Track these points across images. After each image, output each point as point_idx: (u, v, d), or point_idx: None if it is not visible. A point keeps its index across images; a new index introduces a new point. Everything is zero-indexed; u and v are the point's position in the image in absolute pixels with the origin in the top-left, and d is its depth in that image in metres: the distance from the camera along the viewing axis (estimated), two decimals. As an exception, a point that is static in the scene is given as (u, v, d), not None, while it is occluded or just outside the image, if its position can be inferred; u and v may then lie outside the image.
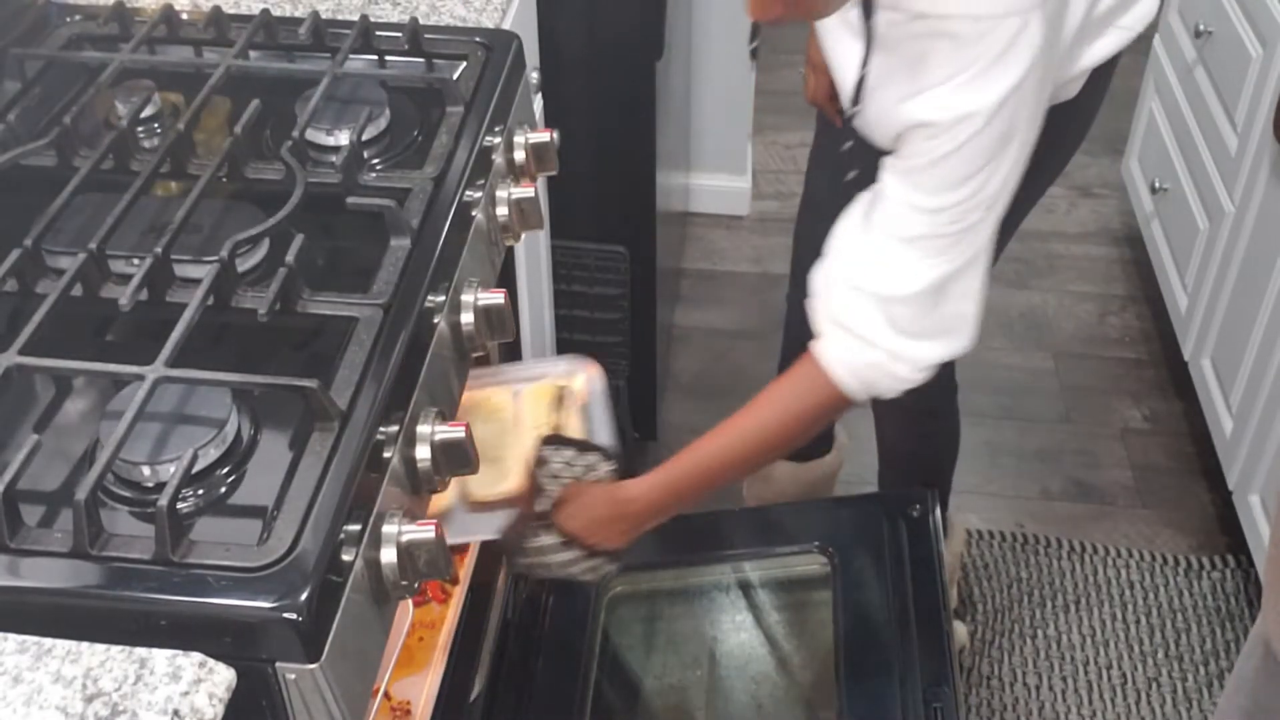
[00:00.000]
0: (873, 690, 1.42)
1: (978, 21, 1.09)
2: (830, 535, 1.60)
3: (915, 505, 1.59)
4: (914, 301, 1.20)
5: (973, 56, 1.10)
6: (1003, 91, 1.11)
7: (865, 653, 1.46)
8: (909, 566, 1.53)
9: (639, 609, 1.66)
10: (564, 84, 1.82)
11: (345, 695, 0.85)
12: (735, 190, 2.86)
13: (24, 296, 1.01)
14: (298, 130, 1.16)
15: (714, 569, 1.66)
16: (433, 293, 1.07)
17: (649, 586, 1.66)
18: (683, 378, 2.47)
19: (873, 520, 1.60)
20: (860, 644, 1.47)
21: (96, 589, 0.82)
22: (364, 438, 0.91)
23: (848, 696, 1.42)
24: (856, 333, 1.22)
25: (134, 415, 0.87)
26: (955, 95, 1.11)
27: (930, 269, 1.19)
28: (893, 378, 1.24)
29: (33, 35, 1.35)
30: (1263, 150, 1.95)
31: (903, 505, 1.60)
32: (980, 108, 1.11)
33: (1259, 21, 2.00)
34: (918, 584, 1.50)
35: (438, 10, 1.44)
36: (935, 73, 1.12)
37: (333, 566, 0.84)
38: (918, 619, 1.46)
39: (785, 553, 1.64)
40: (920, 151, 1.15)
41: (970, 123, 1.12)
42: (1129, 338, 2.57)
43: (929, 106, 1.13)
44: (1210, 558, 2.12)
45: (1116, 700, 1.91)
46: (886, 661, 1.44)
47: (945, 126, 1.12)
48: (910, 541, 1.56)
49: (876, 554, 1.55)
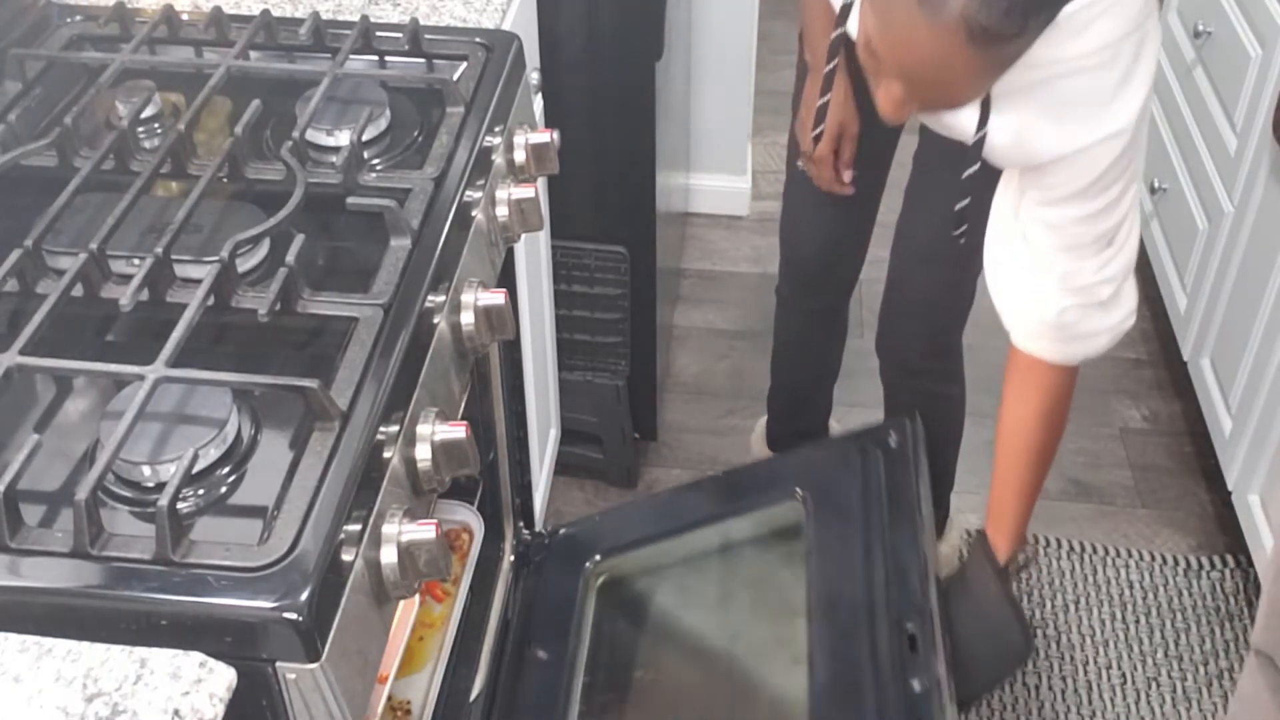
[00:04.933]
0: (842, 624, 1.38)
1: (1101, 51, 1.13)
2: (807, 480, 1.56)
3: (892, 435, 1.54)
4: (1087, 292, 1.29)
5: (1108, 82, 1.15)
6: (1140, 102, 1.16)
7: (836, 589, 1.42)
8: (885, 495, 1.48)
9: (626, 589, 1.65)
10: (564, 84, 1.82)
11: (345, 695, 0.85)
12: (735, 190, 2.86)
13: (25, 296, 1.01)
14: (298, 130, 1.16)
15: (696, 536, 1.63)
16: (433, 293, 1.07)
17: (635, 566, 1.65)
18: (683, 378, 2.47)
19: (850, 458, 1.56)
20: (831, 581, 1.44)
21: (97, 589, 0.82)
22: (364, 438, 0.91)
23: (817, 635, 1.38)
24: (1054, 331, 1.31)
25: (134, 415, 0.87)
26: (1097, 121, 1.16)
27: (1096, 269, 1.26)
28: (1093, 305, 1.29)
29: (33, 36, 1.35)
30: (1262, 150, 1.95)
31: (880, 437, 1.56)
32: (1125, 124, 1.16)
33: (1258, 22, 2.00)
34: (894, 511, 1.46)
35: (438, 11, 1.44)
36: (1078, 109, 1.16)
37: (333, 566, 0.84)
38: (894, 547, 1.42)
39: (764, 506, 1.60)
40: (1063, 181, 1.21)
41: (1119, 140, 1.17)
42: (1128, 338, 2.56)
43: (1074, 138, 1.17)
44: (1210, 558, 2.12)
45: (1116, 700, 1.92)
46: (855, 595, 1.39)
47: (1089, 147, 1.17)
48: (887, 471, 1.51)
49: (852, 490, 1.51)
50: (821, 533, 1.48)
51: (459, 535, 1.50)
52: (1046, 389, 1.36)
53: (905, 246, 1.71)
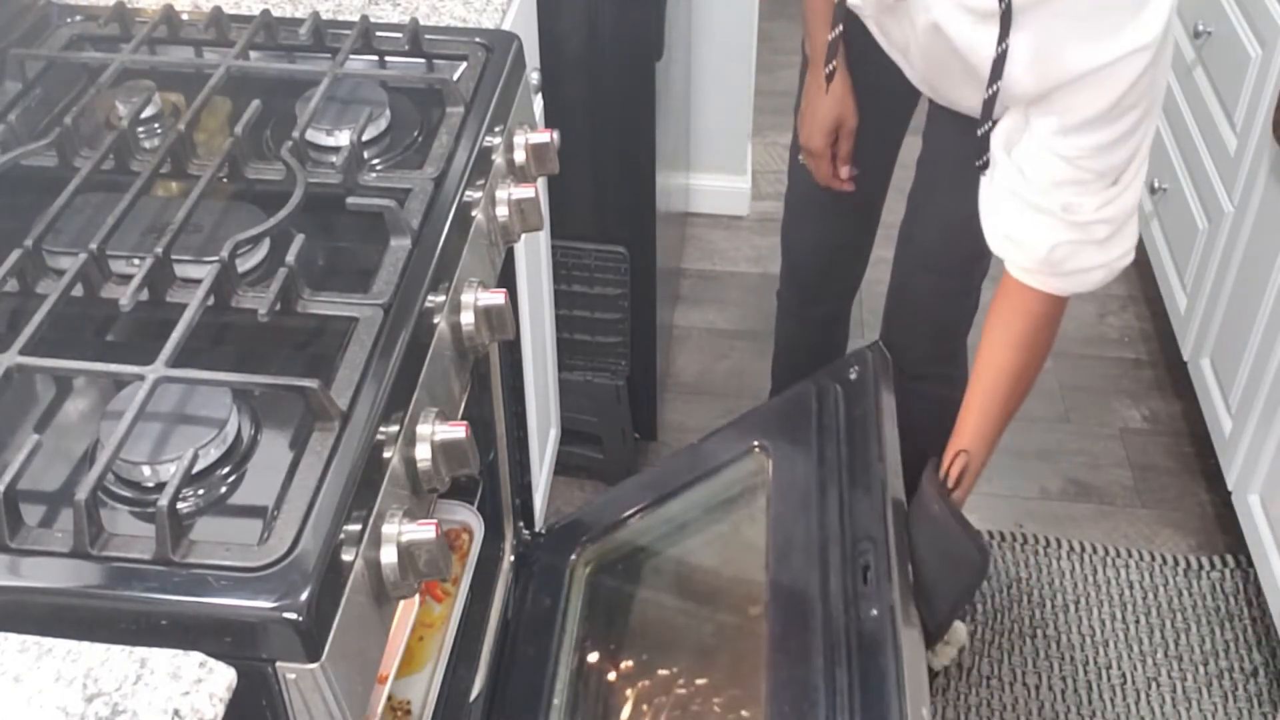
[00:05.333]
0: (796, 567, 1.35)
1: None
2: (768, 431, 1.55)
3: (853, 369, 1.52)
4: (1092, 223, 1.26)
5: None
6: (1167, 13, 1.14)
7: (791, 533, 1.40)
8: (843, 430, 1.46)
9: (608, 573, 1.64)
10: (564, 84, 1.82)
11: (345, 695, 0.85)
12: (735, 190, 2.86)
13: (25, 297, 1.01)
14: (298, 130, 1.16)
15: (671, 508, 1.62)
16: (433, 293, 1.07)
17: (616, 548, 1.64)
18: (683, 378, 2.47)
19: (807, 400, 1.54)
20: (787, 527, 1.41)
21: (97, 589, 0.82)
22: (364, 438, 0.91)
23: (774, 581, 1.37)
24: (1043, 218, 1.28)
25: (134, 415, 0.87)
26: (1125, 33, 1.14)
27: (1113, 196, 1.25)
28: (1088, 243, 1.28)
29: (33, 36, 1.35)
30: (1262, 150, 1.96)
31: (840, 372, 1.53)
32: (1152, 37, 1.14)
33: (1258, 22, 2.00)
34: (852, 445, 1.44)
35: (438, 11, 1.44)
36: (1104, 20, 1.15)
37: (333, 566, 0.84)
38: (850, 481, 1.40)
39: (729, 465, 1.59)
40: (1083, 104, 1.19)
41: (1144, 54, 1.15)
42: (1128, 338, 2.57)
43: (1100, 53, 1.15)
44: (1209, 558, 2.12)
45: (1116, 700, 1.92)
46: (810, 535, 1.37)
47: (1117, 65, 1.15)
48: (846, 405, 1.49)
49: (808, 432, 1.49)
50: (780, 479, 1.46)
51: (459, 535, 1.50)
52: (1032, 315, 1.36)
53: (908, 252, 1.71)
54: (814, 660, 1.24)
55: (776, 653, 1.29)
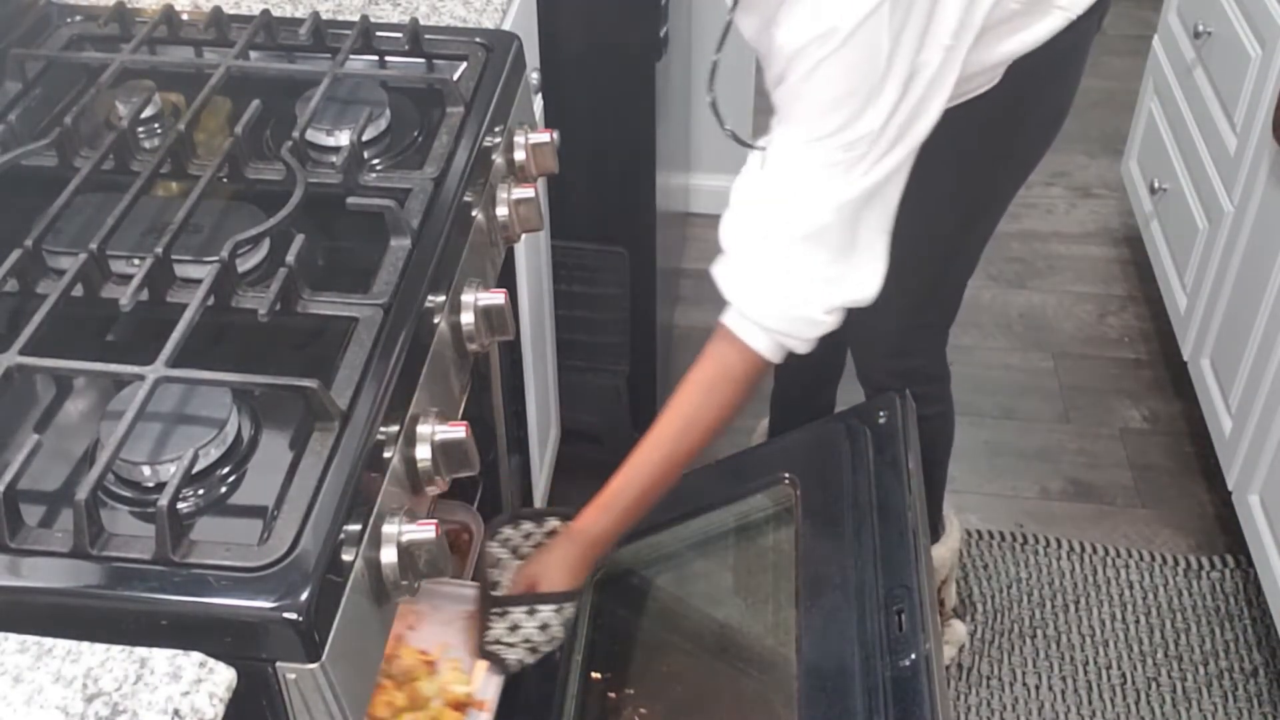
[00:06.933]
0: (829, 606, 1.35)
1: None
2: (796, 463, 1.54)
3: (881, 413, 1.51)
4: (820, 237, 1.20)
5: None
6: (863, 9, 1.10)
7: (825, 571, 1.39)
8: (873, 473, 1.45)
9: (621, 585, 1.64)
10: (564, 84, 1.82)
11: (345, 695, 0.85)
12: (735, 190, 2.86)
13: (25, 296, 1.01)
14: (298, 130, 1.16)
15: (689, 527, 1.61)
16: (433, 293, 1.07)
17: (630, 560, 1.64)
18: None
19: (838, 438, 1.53)
20: (819, 563, 1.41)
21: (97, 589, 0.82)
22: (364, 438, 0.91)
23: (805, 618, 1.36)
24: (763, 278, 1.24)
25: (134, 415, 0.88)
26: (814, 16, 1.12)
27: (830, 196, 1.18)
28: (804, 322, 1.24)
29: (33, 35, 1.35)
30: (1262, 150, 1.96)
31: (869, 415, 1.53)
32: (838, 24, 1.11)
33: (1258, 22, 2.00)
34: (882, 489, 1.43)
35: (438, 11, 1.44)
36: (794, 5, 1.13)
37: (333, 566, 0.84)
38: (880, 524, 1.39)
39: (754, 492, 1.58)
40: (787, 77, 1.17)
41: (829, 41, 1.11)
42: (1128, 338, 2.57)
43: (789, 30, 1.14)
44: (1209, 558, 2.12)
45: (1116, 700, 1.92)
46: (845, 575, 1.36)
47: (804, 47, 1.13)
48: (875, 449, 1.48)
49: (840, 471, 1.48)
50: (810, 515, 1.46)
51: (459, 535, 1.50)
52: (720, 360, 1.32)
53: None
54: (852, 702, 1.25)
55: (814, 690, 1.29)
